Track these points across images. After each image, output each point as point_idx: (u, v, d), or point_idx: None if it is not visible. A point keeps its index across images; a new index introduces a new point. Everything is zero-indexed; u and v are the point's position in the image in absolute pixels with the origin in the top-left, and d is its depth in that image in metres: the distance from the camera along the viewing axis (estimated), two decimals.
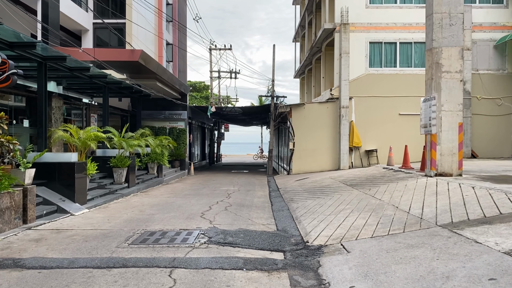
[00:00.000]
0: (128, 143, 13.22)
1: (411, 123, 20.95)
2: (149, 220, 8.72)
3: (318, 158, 21.04)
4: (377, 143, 21.00)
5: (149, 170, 17.03)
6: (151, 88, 18.19)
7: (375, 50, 21.21)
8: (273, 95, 22.46)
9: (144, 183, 15.40)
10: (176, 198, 12.49)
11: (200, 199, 12.12)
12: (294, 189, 13.93)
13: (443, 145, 10.45)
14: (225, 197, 12.65)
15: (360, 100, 20.91)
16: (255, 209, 10.46)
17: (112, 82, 14.05)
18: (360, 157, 20.87)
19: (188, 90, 22.81)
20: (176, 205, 10.96)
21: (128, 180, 13.75)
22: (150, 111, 22.27)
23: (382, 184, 10.93)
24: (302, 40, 32.48)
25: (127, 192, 13.02)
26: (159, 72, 16.33)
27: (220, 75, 33.35)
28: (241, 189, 15.27)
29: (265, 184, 17.51)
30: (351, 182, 12.67)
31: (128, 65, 14.70)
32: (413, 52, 21.19)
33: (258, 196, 13.20)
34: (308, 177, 16.46)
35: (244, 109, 24.05)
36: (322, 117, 21.15)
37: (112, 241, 6.74)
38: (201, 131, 32.60)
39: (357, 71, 20.96)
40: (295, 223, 8.52)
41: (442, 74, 10.48)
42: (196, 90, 51.15)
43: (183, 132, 22.01)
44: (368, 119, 20.91)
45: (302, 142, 21.10)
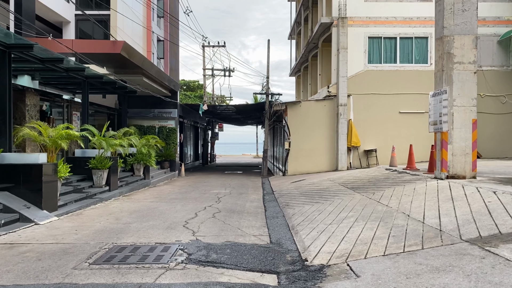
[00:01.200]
0: (109, 143, 12.01)
1: (412, 122, 19.88)
2: (124, 230, 7.52)
3: (315, 159, 19.90)
4: (376, 142, 19.90)
5: (134, 171, 15.81)
6: (138, 84, 16.98)
7: (374, 45, 20.11)
8: (268, 92, 21.30)
9: (128, 185, 14.19)
10: (160, 203, 11.29)
11: (186, 204, 10.93)
12: (290, 192, 12.78)
13: (455, 144, 9.33)
14: (215, 202, 11.47)
15: (358, 98, 19.79)
16: (246, 216, 9.28)
17: (92, 76, 12.84)
18: (359, 157, 19.75)
19: (179, 87, 21.60)
20: (159, 211, 9.76)
21: (109, 183, 12.54)
22: (139, 109, 21.04)
23: (387, 188, 9.79)
24: (298, 37, 31.36)
25: (107, 196, 11.81)
26: (145, 66, 15.13)
27: (214, 73, 32.13)
28: (233, 192, 14.10)
29: (259, 186, 16.34)
30: (352, 184, 11.53)
31: (111, 58, 13.49)
32: (414, 47, 20.09)
33: (251, 200, 12.03)
34: (304, 179, 15.31)
35: (238, 108, 22.88)
36: (319, 116, 20.02)
37: (71, 259, 5.55)
38: (194, 130, 31.39)
39: (355, 68, 19.84)
40: (291, 234, 7.36)
41: (454, 65, 9.36)
42: (190, 89, 49.93)
43: (173, 131, 20.79)
44: (367, 118, 19.80)
45: (298, 141, 19.96)
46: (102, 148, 12.08)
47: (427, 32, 19.90)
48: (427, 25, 19.92)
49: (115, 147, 12.18)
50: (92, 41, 14.79)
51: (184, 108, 23.77)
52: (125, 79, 15.79)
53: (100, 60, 13.88)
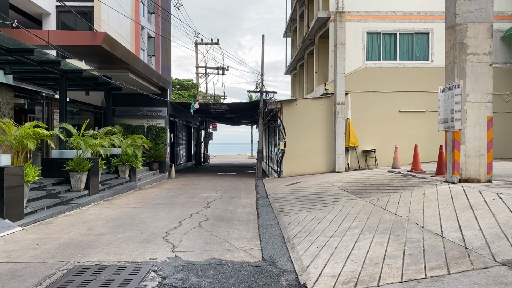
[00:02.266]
0: (87, 143, 10.92)
1: (412, 121, 18.92)
2: (93, 244, 6.45)
3: (311, 159, 18.89)
4: (375, 142, 18.91)
5: (119, 174, 14.72)
6: (124, 81, 15.88)
7: (373, 41, 19.13)
8: (262, 90, 20.26)
9: (111, 189, 13.10)
10: (143, 209, 10.21)
11: (171, 211, 9.86)
12: (285, 196, 11.74)
13: (468, 144, 8.34)
14: (203, 208, 10.41)
15: (357, 96, 18.80)
16: (236, 225, 8.23)
17: (71, 71, 11.75)
18: (357, 158, 18.76)
19: (169, 84, 20.51)
20: (139, 219, 8.69)
21: (89, 186, 11.45)
22: (126, 107, 19.93)
23: (393, 192, 8.78)
24: (294, 34, 30.35)
25: (85, 202, 10.72)
26: (130, 61, 14.03)
27: (207, 71, 31.06)
28: (224, 195, 13.05)
29: (252, 189, 15.30)
30: (352, 188, 10.51)
31: (92, 51, 12.40)
32: (414, 43, 19.13)
33: (243, 205, 10.98)
34: (301, 181, 14.28)
35: (231, 106, 21.81)
36: (316, 115, 19.01)
37: (16, 287, 4.48)
38: (187, 130, 30.29)
39: (353, 65, 18.85)
40: (287, 248, 6.32)
41: (467, 56, 8.36)
42: (184, 89, 48.82)
43: (163, 130, 19.69)
44: (365, 117, 18.82)
45: (294, 141, 18.94)
46: (81, 149, 10.97)
47: (428, 27, 18.96)
48: (428, 20, 18.98)
49: (95, 148, 11.09)
50: (70, 32, 13.67)
51: (175, 106, 22.68)
52: (109, 75, 14.69)
53: (81, 53, 12.79)
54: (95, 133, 12.09)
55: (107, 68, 14.75)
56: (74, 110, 17.96)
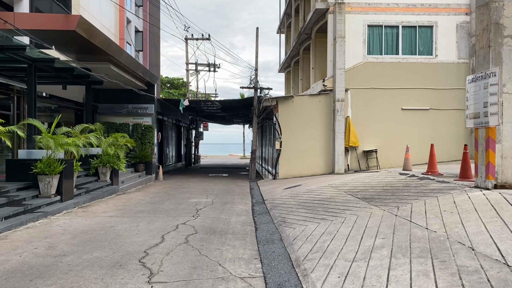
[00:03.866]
0: (58, 142, 9.37)
1: (415, 119, 17.64)
2: (47, 271, 4.95)
3: (309, 160, 17.51)
4: (376, 142, 17.60)
5: (100, 176, 13.16)
6: (106, 74, 14.33)
7: (374, 34, 17.81)
8: (257, 86, 18.81)
9: (88, 194, 11.55)
10: (121, 218, 8.70)
11: (154, 221, 8.37)
12: (285, 201, 10.31)
13: (505, 144, 7.01)
14: (192, 216, 8.93)
15: (357, 93, 17.47)
16: (231, 239, 6.79)
17: (40, 60, 10.19)
18: (357, 158, 17.43)
19: (156, 80, 18.96)
20: (114, 233, 7.19)
21: (61, 191, 9.91)
22: (110, 104, 18.35)
23: (413, 200, 7.40)
24: (288, 30, 28.98)
25: (55, 210, 9.18)
26: (111, 51, 12.49)
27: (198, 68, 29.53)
28: (216, 200, 11.58)
29: (247, 192, 13.85)
30: (362, 194, 9.12)
31: (66, 38, 10.85)
32: (417, 37, 17.84)
33: (237, 213, 9.53)
34: (300, 184, 12.88)
35: (223, 103, 20.32)
36: (314, 112, 17.63)
37: None
38: (176, 129, 28.73)
39: (353, 59, 17.51)
40: (297, 276, 4.89)
41: (504, 39, 7.01)
42: (174, 87, 47.18)
43: (150, 129, 18.14)
44: (366, 115, 17.49)
45: (291, 141, 17.54)
46: (50, 149, 9.42)
47: (432, 20, 17.69)
48: (432, 13, 17.71)
49: (67, 147, 9.55)
50: (39, 15, 12.07)
51: (163, 104, 21.12)
52: (89, 67, 13.15)
53: (55, 41, 11.22)
54: (69, 130, 10.55)
55: (86, 60, 13.21)
56: (52, 106, 16.36)
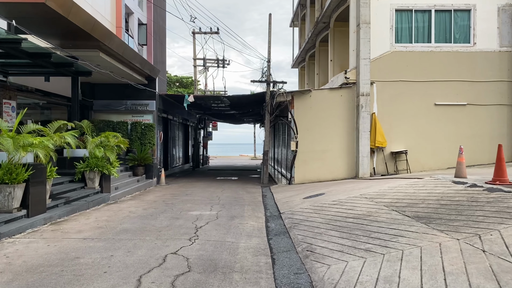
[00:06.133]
0: (17, 142, 7.27)
1: (450, 116, 15.24)
2: None
3: (329, 163, 15.23)
4: (406, 142, 15.25)
5: (87, 182, 11.07)
6: (98, 65, 12.26)
7: (403, 20, 15.45)
8: (269, 80, 16.58)
9: (69, 204, 9.44)
10: (96, 241, 6.55)
11: (136, 247, 6.19)
12: (307, 217, 8.07)
13: None
14: (187, 240, 6.74)
15: (384, 86, 15.15)
16: (239, 283, 4.59)
17: (2, 40, 8.10)
18: (384, 161, 15.10)
19: (158, 73, 16.84)
20: (73, 272, 5.02)
21: (28, 204, 7.81)
22: (107, 100, 16.30)
23: (498, 224, 5.10)
24: (302, 22, 26.69)
25: (15, 229, 7.07)
26: (98, 34, 10.39)
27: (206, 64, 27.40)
28: (222, 214, 9.39)
29: (259, 201, 11.63)
30: (412, 210, 6.83)
31: (37, 15, 8.75)
32: (453, 22, 15.43)
33: (248, 233, 7.32)
34: (323, 193, 10.60)
35: (232, 100, 18.11)
36: (334, 108, 15.35)
37: None
38: (183, 129, 26.63)
39: (379, 49, 15.19)
40: None
41: None
42: (183, 86, 45.18)
43: (150, 128, 16.02)
44: (394, 111, 15.16)
45: (308, 141, 15.28)
46: (11, 151, 7.32)
47: (469, 3, 15.27)
48: None
49: (32, 148, 7.45)
50: None
51: (167, 101, 19.00)
52: (76, 54, 11.09)
53: (29, 22, 9.17)
54: (40, 128, 8.45)
55: (72, 47, 11.12)
56: (40, 102, 14.37)
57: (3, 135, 7.33)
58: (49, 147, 7.78)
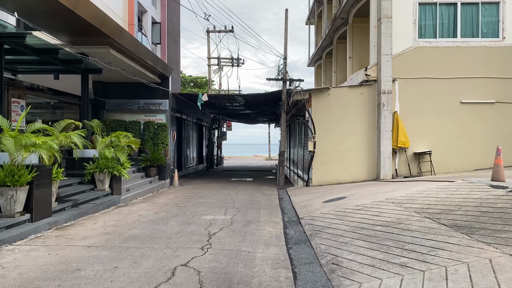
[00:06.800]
0: (20, 142, 6.80)
1: (477, 115, 14.35)
2: None
3: (348, 164, 14.50)
4: (430, 142, 14.42)
5: (97, 184, 10.60)
6: (109, 62, 11.82)
7: (427, 14, 14.63)
8: (285, 78, 15.94)
9: (76, 208, 8.97)
10: (101, 250, 6.01)
11: (143, 258, 5.63)
12: (329, 224, 7.40)
13: None
14: (199, 249, 6.16)
15: (406, 83, 14.36)
16: None
17: (7, 35, 7.66)
18: (407, 162, 14.29)
19: (171, 71, 16.35)
20: (73, 284, 4.49)
21: (32, 207, 7.34)
22: (119, 99, 15.88)
23: None
24: (319, 20, 25.96)
25: (17, 235, 6.59)
26: (108, 29, 9.91)
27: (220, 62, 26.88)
28: (237, 218, 8.79)
29: (275, 205, 10.99)
30: (448, 217, 6.12)
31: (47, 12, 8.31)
32: (480, 16, 14.55)
33: (265, 241, 6.71)
34: (344, 196, 9.91)
35: (247, 98, 17.52)
36: (354, 107, 14.62)
37: None
38: (198, 129, 26.17)
39: (401, 44, 14.40)
40: None
41: None
42: (197, 86, 44.83)
43: (163, 128, 15.53)
44: (417, 110, 14.36)
45: (326, 141, 14.59)
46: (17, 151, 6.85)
47: None
48: None
49: (34, 148, 6.96)
50: None
51: (180, 100, 18.52)
52: (86, 51, 10.65)
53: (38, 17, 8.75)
54: (44, 127, 7.97)
55: (82, 43, 10.69)
56: (52, 102, 14.00)
57: (5, 134, 6.87)
58: (53, 148, 7.29)
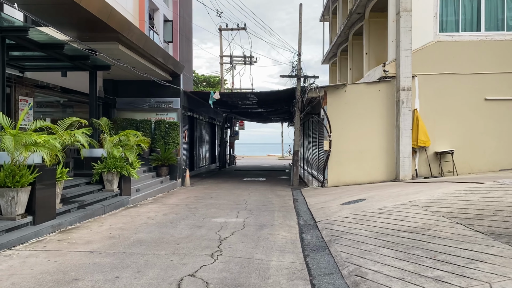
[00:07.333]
0: (20, 140, 6.41)
1: (503, 112, 13.60)
2: None
3: (365, 164, 13.88)
4: (452, 141, 13.72)
5: (105, 184, 10.22)
6: (118, 59, 11.43)
7: (449, 6, 13.92)
8: (299, 74, 15.37)
9: (83, 209, 8.58)
10: (104, 256, 5.57)
11: (147, 266, 5.17)
12: (349, 228, 6.85)
13: None
14: (209, 256, 5.67)
15: (426, 80, 13.68)
16: None
17: (8, 29, 7.29)
18: (427, 162, 13.61)
19: (182, 68, 15.93)
20: None
21: (34, 209, 6.96)
22: (130, 98, 15.51)
23: None
24: (333, 16, 25.29)
25: (17, 239, 6.20)
26: (115, 24, 9.50)
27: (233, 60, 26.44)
28: (250, 221, 8.29)
29: (290, 206, 10.46)
30: (482, 223, 5.52)
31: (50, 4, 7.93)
32: (505, 8, 13.79)
33: (280, 248, 6.19)
34: (363, 198, 9.32)
35: (260, 96, 17.00)
36: (372, 104, 13.99)
37: None
38: (210, 128, 25.77)
39: (421, 39, 13.72)
40: None
41: None
42: (210, 85, 44.50)
43: (174, 127, 15.12)
44: (438, 107, 13.67)
45: (343, 140, 13.99)
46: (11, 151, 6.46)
47: None
48: None
49: (35, 147, 6.57)
50: None
51: (192, 99, 18.10)
52: (94, 47, 10.27)
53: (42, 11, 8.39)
54: (47, 125, 7.59)
55: (89, 39, 10.30)
56: (61, 100, 13.71)
57: (6, 132, 6.49)
58: (56, 147, 6.89)
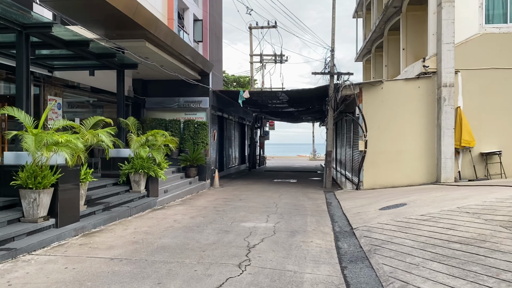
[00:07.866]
0: (41, 140, 6.15)
1: None
2: None
3: (404, 166, 13.03)
4: (499, 141, 12.67)
5: (132, 185, 9.95)
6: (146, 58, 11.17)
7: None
8: (333, 71, 14.68)
9: (108, 211, 8.30)
10: (124, 264, 5.18)
11: (169, 277, 4.71)
12: (390, 237, 6.18)
13: None
14: (236, 266, 5.18)
15: (471, 75, 12.68)
16: None
17: (32, 26, 7.08)
18: (472, 163, 12.61)
19: (211, 67, 15.57)
20: None
21: (57, 212, 6.70)
22: (159, 97, 15.31)
23: None
24: (367, 12, 24.32)
25: (38, 242, 5.93)
26: (142, 20, 9.20)
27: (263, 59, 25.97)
28: (280, 226, 7.75)
29: (323, 210, 9.83)
30: None
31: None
32: None
33: (314, 258, 5.62)
34: (404, 203, 8.58)
35: (290, 94, 16.39)
36: (410, 102, 13.12)
37: None
38: (240, 128, 25.39)
39: (465, 31, 12.73)
40: None
41: None
42: (240, 85, 44.23)
43: (203, 126, 14.78)
44: (484, 105, 12.65)
45: (379, 140, 13.20)
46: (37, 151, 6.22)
47: None
48: None
49: (56, 147, 6.30)
50: None
51: (221, 98, 17.73)
52: (121, 45, 10.03)
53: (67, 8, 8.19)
54: (70, 124, 7.32)
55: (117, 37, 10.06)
56: (91, 100, 13.67)
57: (27, 131, 6.25)
58: (78, 147, 6.60)
